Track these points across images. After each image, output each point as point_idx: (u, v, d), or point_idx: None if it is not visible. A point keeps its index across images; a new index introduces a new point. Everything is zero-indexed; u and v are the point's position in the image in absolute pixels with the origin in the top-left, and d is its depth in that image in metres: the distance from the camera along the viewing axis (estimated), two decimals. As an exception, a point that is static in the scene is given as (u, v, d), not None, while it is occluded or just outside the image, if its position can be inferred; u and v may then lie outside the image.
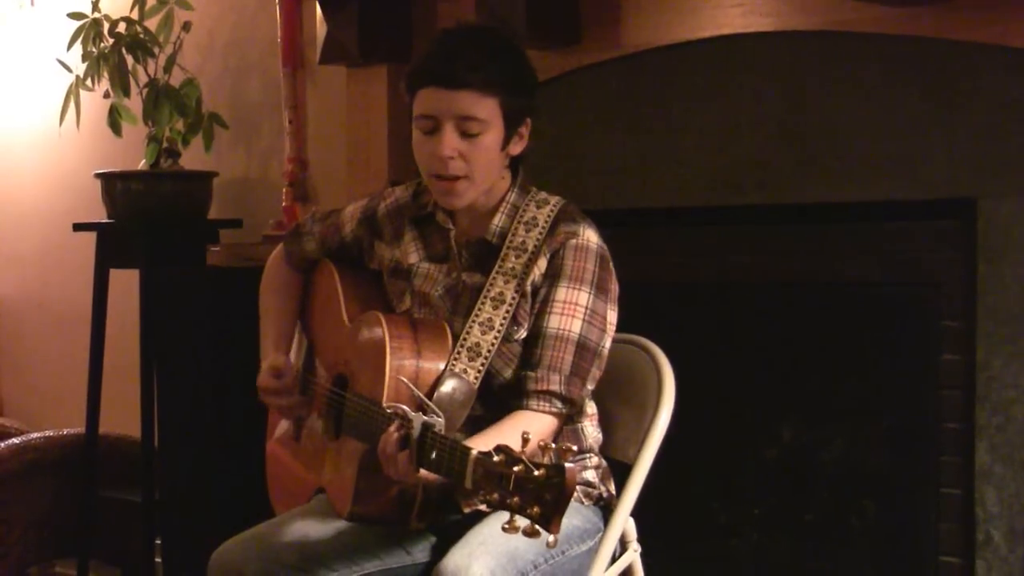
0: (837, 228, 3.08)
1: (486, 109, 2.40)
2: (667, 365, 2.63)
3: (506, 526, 1.94)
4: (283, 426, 2.82)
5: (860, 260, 3.06)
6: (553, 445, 1.93)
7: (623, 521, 2.55)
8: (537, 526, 1.92)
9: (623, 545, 2.61)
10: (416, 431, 2.15)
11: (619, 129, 3.33)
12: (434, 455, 2.12)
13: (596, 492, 2.55)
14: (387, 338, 2.39)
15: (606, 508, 2.57)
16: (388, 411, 2.24)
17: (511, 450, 1.97)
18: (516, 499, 1.93)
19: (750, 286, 3.24)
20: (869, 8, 2.90)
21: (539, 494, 1.91)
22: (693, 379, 2.72)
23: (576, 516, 2.45)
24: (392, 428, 2.20)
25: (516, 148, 2.50)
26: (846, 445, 3.11)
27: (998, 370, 2.81)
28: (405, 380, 2.34)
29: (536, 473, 1.91)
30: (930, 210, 2.92)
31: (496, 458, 1.97)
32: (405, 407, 2.20)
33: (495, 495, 1.96)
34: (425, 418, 2.16)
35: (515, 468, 1.93)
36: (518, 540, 2.28)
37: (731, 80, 3.15)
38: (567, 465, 1.90)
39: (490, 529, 2.34)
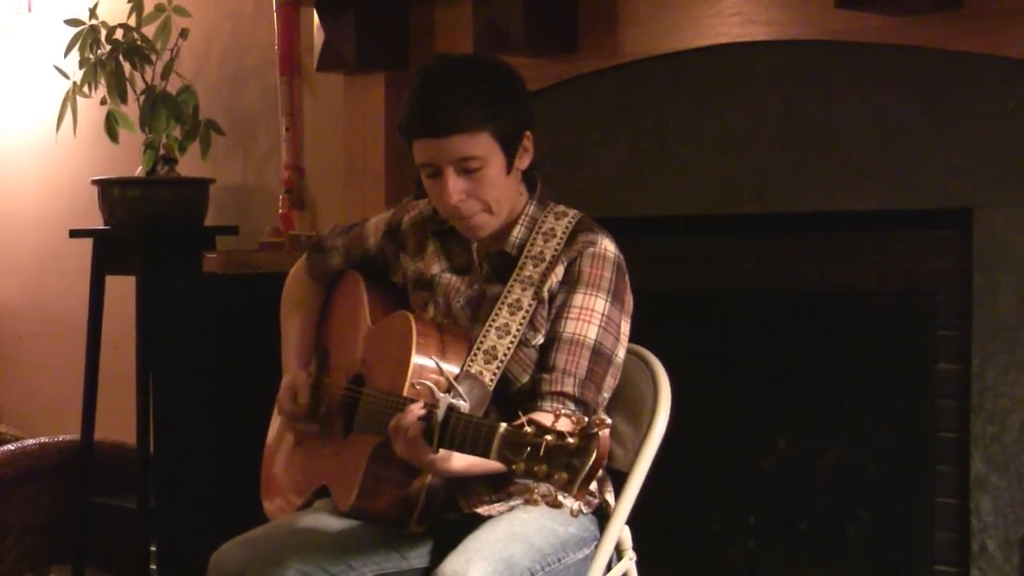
0: (834, 237, 3.09)
1: (480, 145, 2.40)
2: (663, 373, 2.63)
3: (527, 498, 1.95)
4: (283, 428, 2.82)
5: (856, 269, 3.06)
6: (587, 418, 1.95)
7: (619, 529, 2.55)
8: (560, 495, 1.93)
9: (619, 553, 2.61)
10: (441, 411, 2.15)
11: (616, 138, 3.34)
12: (459, 432, 2.11)
13: (594, 500, 2.56)
14: (415, 334, 2.42)
15: (602, 516, 2.57)
16: (416, 387, 2.26)
17: (541, 422, 1.98)
18: (544, 467, 1.94)
19: (746, 295, 3.25)
20: (867, 18, 2.91)
21: (568, 461, 1.92)
22: (689, 387, 2.72)
23: (572, 523, 2.45)
24: (415, 405, 2.21)
25: (524, 162, 2.51)
26: (842, 454, 3.12)
27: (993, 379, 2.81)
28: (435, 359, 2.35)
29: (569, 441, 1.93)
30: (926, 220, 2.92)
31: (527, 428, 1.98)
32: (432, 385, 2.22)
33: (521, 465, 1.96)
34: (452, 400, 2.16)
35: (547, 437, 1.95)
36: (515, 547, 2.31)
37: (729, 89, 3.16)
38: (601, 433, 1.91)
39: (487, 535, 2.35)
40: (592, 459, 1.91)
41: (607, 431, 1.93)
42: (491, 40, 3.37)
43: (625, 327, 2.50)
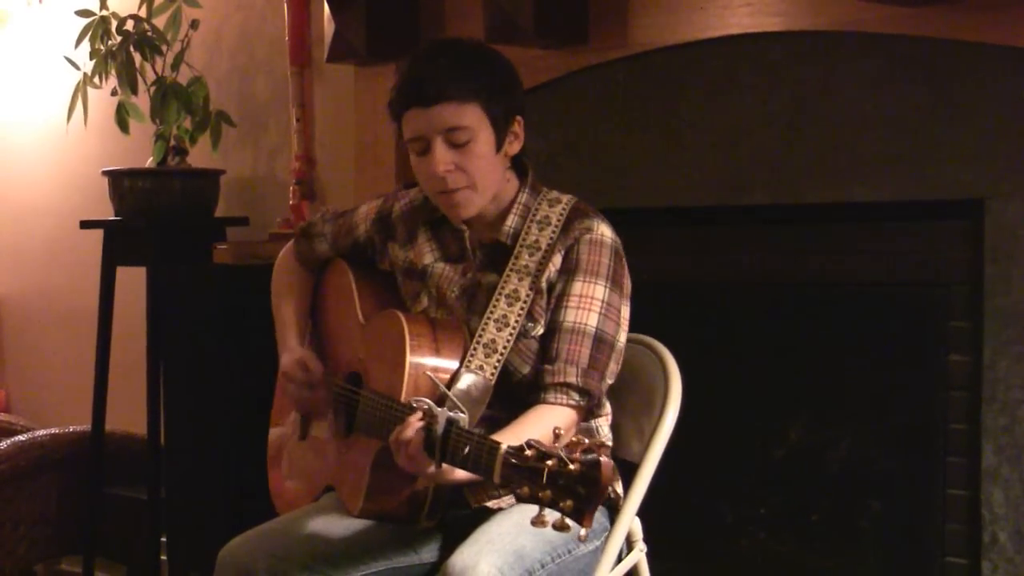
0: (844, 228, 3.08)
1: (469, 116, 2.42)
2: (674, 364, 2.63)
3: (535, 520, 1.95)
4: (288, 424, 2.82)
5: (867, 260, 3.05)
6: (587, 440, 1.94)
7: (629, 520, 2.55)
8: (568, 520, 1.93)
9: (629, 544, 2.61)
10: (440, 426, 2.15)
11: (626, 129, 3.33)
12: (461, 450, 2.12)
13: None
14: (407, 335, 2.40)
15: (613, 508, 2.57)
16: (412, 404, 2.25)
17: (542, 444, 1.98)
18: (548, 493, 1.94)
19: (757, 286, 3.24)
20: (877, 8, 2.90)
21: (572, 488, 1.92)
22: (699, 378, 2.72)
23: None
24: (413, 418, 2.20)
25: (514, 148, 2.51)
26: (852, 445, 3.11)
27: (1005, 371, 2.81)
28: (430, 373, 2.35)
29: (571, 467, 1.92)
30: (937, 210, 2.92)
31: (528, 452, 1.98)
32: (430, 401, 2.21)
33: (525, 489, 1.97)
34: (450, 413, 2.16)
35: (548, 462, 1.94)
36: (525, 539, 2.30)
37: (738, 80, 3.15)
38: (602, 459, 1.91)
39: (498, 528, 2.35)
40: (598, 488, 1.90)
41: (608, 457, 1.92)
42: (501, 30, 3.37)
43: (625, 311, 2.50)
